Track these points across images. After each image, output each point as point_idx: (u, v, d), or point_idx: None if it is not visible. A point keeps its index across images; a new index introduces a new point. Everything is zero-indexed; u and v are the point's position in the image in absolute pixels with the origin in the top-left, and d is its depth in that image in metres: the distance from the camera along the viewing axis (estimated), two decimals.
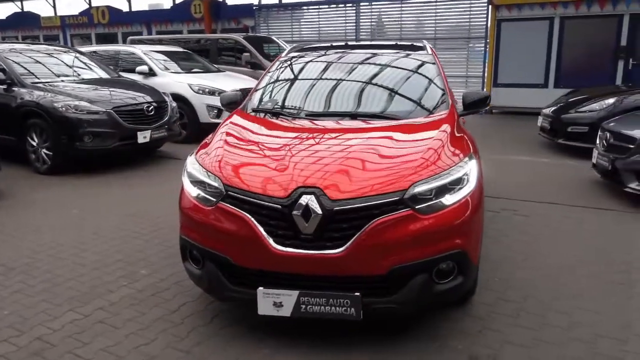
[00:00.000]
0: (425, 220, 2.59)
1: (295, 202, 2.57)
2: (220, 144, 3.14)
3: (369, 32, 14.76)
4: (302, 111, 3.66)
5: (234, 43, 11.82)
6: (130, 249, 4.25)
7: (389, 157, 2.86)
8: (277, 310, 2.67)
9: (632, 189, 5.02)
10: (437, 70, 3.93)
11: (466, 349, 2.77)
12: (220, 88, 8.94)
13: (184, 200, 2.98)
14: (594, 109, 7.34)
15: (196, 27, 17.78)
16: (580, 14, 12.13)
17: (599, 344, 2.80)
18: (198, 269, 2.92)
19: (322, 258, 2.56)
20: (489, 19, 13.19)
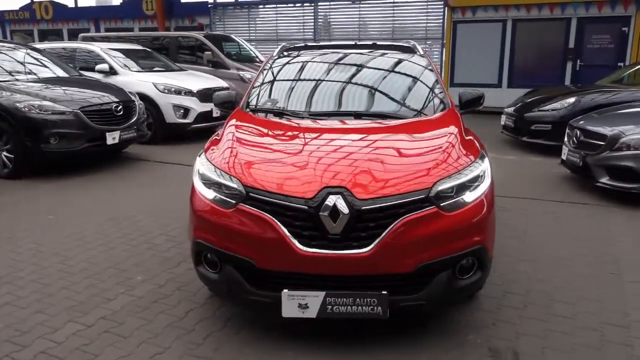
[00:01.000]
0: (449, 218, 2.63)
1: (322, 203, 2.55)
2: (232, 144, 3.07)
3: (327, 32, 14.81)
4: (306, 111, 3.62)
5: (194, 41, 11.56)
6: (119, 255, 4.08)
7: (408, 155, 2.89)
8: (302, 312, 2.64)
9: (603, 184, 5.29)
10: (433, 70, 4.00)
11: (485, 343, 2.84)
12: (186, 87, 8.75)
13: (198, 203, 2.89)
14: (556, 107, 7.69)
15: (148, 25, 17.29)
16: (531, 17, 12.67)
17: (606, 332, 2.94)
18: (215, 273, 2.84)
19: (349, 258, 2.56)
20: (445, 21, 13.56)
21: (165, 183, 6.34)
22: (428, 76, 3.95)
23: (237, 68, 11.12)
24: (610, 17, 12.00)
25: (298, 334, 2.92)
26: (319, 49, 4.54)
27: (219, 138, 3.29)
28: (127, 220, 4.91)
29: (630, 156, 5.05)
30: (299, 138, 3.12)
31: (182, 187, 6.08)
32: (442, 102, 3.71)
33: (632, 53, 11.90)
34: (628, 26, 11.88)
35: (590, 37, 12.26)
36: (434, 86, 3.86)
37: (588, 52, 12.35)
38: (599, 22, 12.11)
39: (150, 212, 5.13)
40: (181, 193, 5.85)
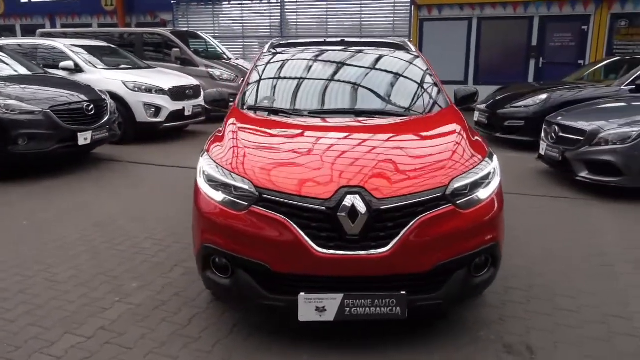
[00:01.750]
0: (464, 216, 2.62)
1: (339, 203, 2.50)
2: (238, 144, 2.96)
3: (294, 29, 14.72)
4: (306, 109, 3.54)
5: (161, 38, 11.25)
6: (107, 262, 3.90)
7: (421, 153, 2.86)
8: (319, 315, 2.58)
9: (583, 178, 5.45)
10: (428, 67, 4.00)
11: (498, 339, 2.86)
12: (157, 85, 8.50)
13: (205, 205, 2.78)
14: (528, 104, 7.88)
15: (107, 21, 16.76)
16: (496, 15, 12.96)
17: (611, 324, 3.00)
18: (226, 278, 2.73)
19: (368, 259, 2.51)
20: (412, 19, 13.70)
21: (142, 185, 6.13)
22: (424, 73, 3.94)
23: (205, 65, 10.91)
24: (571, 16, 12.41)
25: (310, 336, 2.86)
26: (309, 46, 4.47)
27: (221, 137, 3.17)
28: (110, 224, 4.71)
29: (608, 151, 5.21)
30: (307, 137, 3.05)
31: (161, 189, 5.92)
32: (442, 100, 3.71)
33: (592, 51, 12.34)
34: (588, 25, 12.32)
35: (552, 36, 12.65)
36: (432, 83, 3.86)
37: (550, 50, 12.74)
38: (560, 20, 12.51)
39: (132, 216, 4.94)
40: (161, 195, 5.70)
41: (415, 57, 4.11)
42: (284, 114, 3.50)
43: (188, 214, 4.93)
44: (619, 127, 5.24)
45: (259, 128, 3.27)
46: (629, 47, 12.10)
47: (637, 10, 11.89)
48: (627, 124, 5.23)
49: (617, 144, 5.18)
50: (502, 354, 2.72)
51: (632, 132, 5.12)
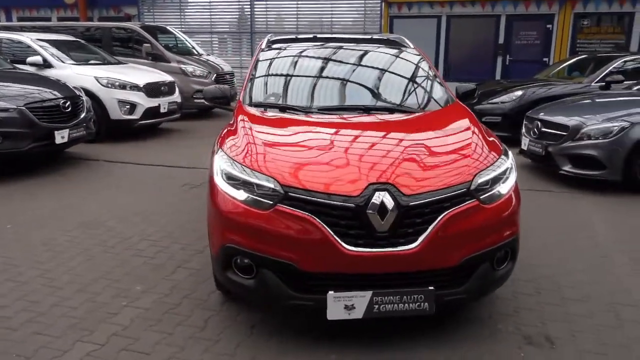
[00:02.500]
0: (488, 210, 2.66)
1: (368, 200, 2.48)
2: (256, 141, 2.90)
3: (264, 24, 14.57)
4: (316, 106, 3.50)
5: (130, 33, 10.92)
6: (104, 264, 3.76)
7: (443, 149, 2.88)
8: (348, 313, 2.56)
9: (566, 172, 5.62)
10: (428, 64, 4.03)
11: (517, 331, 2.91)
12: (132, 81, 8.25)
13: (225, 204, 2.70)
14: (504, 100, 8.07)
15: (67, 15, 16.15)
16: (464, 13, 13.22)
17: (619, 311, 3.11)
18: (249, 279, 2.67)
19: (397, 255, 2.51)
20: (382, 16, 13.80)
21: (123, 184, 5.93)
22: (426, 69, 3.97)
23: (178, 61, 10.67)
24: (536, 15, 12.79)
25: (334, 335, 2.83)
26: (306, 41, 4.42)
27: (234, 134, 3.09)
28: (99, 226, 4.54)
29: (591, 145, 5.40)
30: (326, 134, 3.01)
31: (144, 188, 5.75)
32: (449, 96, 3.75)
33: (556, 49, 12.76)
34: (552, 23, 12.72)
35: (518, 34, 13.00)
36: (435, 79, 3.89)
37: (516, 47, 13.10)
38: (526, 19, 12.87)
39: (120, 216, 4.78)
40: (145, 194, 5.53)
41: (416, 54, 4.14)
42: (293, 110, 3.45)
43: (178, 213, 4.87)
44: (601, 122, 5.43)
45: (275, 125, 3.21)
46: (591, 45, 12.57)
47: (598, 9, 12.35)
48: (609, 119, 5.43)
49: (599, 139, 5.37)
50: (524, 345, 2.77)
51: (614, 127, 5.32)
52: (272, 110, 3.47)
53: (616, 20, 12.45)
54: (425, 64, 4.02)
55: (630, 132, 5.25)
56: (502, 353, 2.70)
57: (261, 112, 3.41)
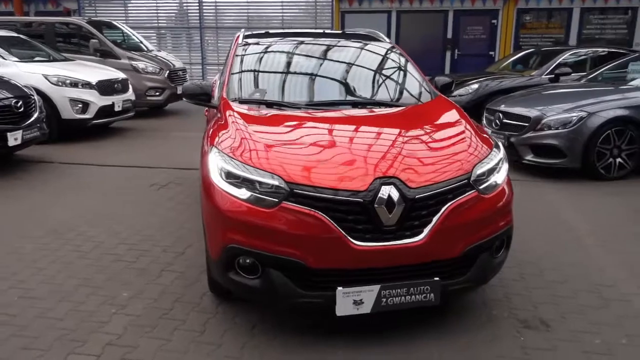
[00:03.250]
0: (487, 200, 2.73)
1: (376, 194, 2.49)
2: (254, 138, 2.84)
3: (213, 16, 14.28)
4: (301, 101, 3.47)
5: (76, 28, 10.42)
6: (83, 272, 3.58)
7: (440, 142, 2.93)
8: (357, 308, 2.57)
9: (529, 161, 5.86)
10: (407, 58, 4.08)
11: (512, 315, 3.01)
12: (83, 79, 7.89)
13: (226, 203, 2.62)
14: (462, 93, 8.31)
15: (1, 9, 15.20)
16: (413, 8, 13.47)
17: (602, 291, 3.28)
18: (254, 279, 2.62)
19: (404, 248, 2.53)
20: (334, 10, 13.85)
21: (87, 186, 5.66)
22: (406, 64, 4.02)
23: (128, 57, 10.29)
24: (482, 10, 13.22)
25: (338, 330, 2.83)
26: (283, 37, 4.37)
27: (226, 131, 3.01)
28: (69, 231, 4.31)
29: (552, 135, 5.65)
30: (324, 130, 2.99)
31: (108, 190, 5.51)
32: (431, 88, 3.81)
33: (501, 43, 13.24)
34: (497, 19, 13.19)
35: (465, 29, 13.40)
36: (417, 72, 3.95)
37: (464, 42, 13.50)
38: (472, 14, 13.28)
39: (91, 220, 4.57)
40: (110, 197, 5.30)
41: (393, 47, 4.17)
42: (282, 107, 3.40)
43: (151, 214, 4.71)
44: (560, 113, 5.69)
45: (270, 122, 3.16)
46: (533, 40, 13.13)
47: (539, 5, 12.92)
48: (567, 109, 5.70)
49: (559, 129, 5.63)
50: (521, 329, 2.87)
51: (573, 117, 5.59)
52: (260, 106, 3.41)
53: (556, 16, 13.07)
54: (404, 59, 4.07)
55: (587, 121, 5.54)
56: (504, 338, 2.79)
57: (251, 108, 3.35)
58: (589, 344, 2.73)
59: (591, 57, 9.07)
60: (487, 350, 2.70)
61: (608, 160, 5.64)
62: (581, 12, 12.81)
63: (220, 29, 14.26)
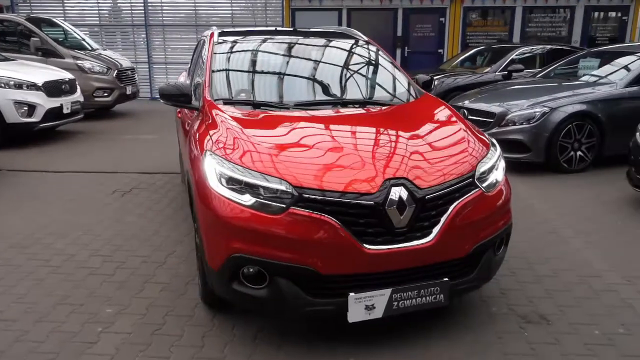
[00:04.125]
0: (490, 198, 2.73)
1: (386, 196, 2.43)
2: (252, 141, 2.70)
3: (159, 13, 13.77)
4: (290, 101, 3.36)
5: (14, 26, 9.74)
6: (59, 288, 3.33)
7: (442, 141, 2.89)
8: (368, 314, 2.50)
9: None
10: (388, 56, 4.05)
11: (511, 311, 3.04)
12: (28, 80, 7.40)
13: (228, 210, 2.48)
14: None
15: None
16: (364, 6, 13.53)
17: (590, 282, 3.37)
18: (261, 289, 2.50)
19: (415, 250, 2.49)
20: (284, 8, 13.70)
21: (44, 195, 5.29)
22: (389, 61, 3.98)
23: (73, 57, 9.75)
24: (430, 9, 13.46)
25: (348, 336, 2.75)
26: (258, 34, 4.23)
27: (217, 134, 2.85)
28: (33, 244, 4.01)
29: (517, 130, 5.80)
30: (323, 131, 2.90)
31: (71, 198, 5.16)
32: (415, 87, 3.79)
33: (449, 41, 13.55)
34: (445, 17, 13.47)
35: (414, 27, 13.59)
36: (399, 70, 3.92)
37: (413, 40, 13.69)
38: (421, 12, 13.49)
39: (56, 232, 4.26)
40: (71, 205, 4.97)
41: (373, 46, 4.13)
42: (269, 107, 3.28)
43: (120, 223, 4.45)
44: (524, 108, 5.85)
45: (264, 123, 3.02)
46: (479, 38, 13.51)
47: (485, 4, 13.31)
48: (530, 105, 5.87)
49: (523, 124, 5.79)
50: (524, 324, 2.90)
51: (536, 113, 5.76)
52: (247, 107, 3.27)
53: (500, 15, 13.52)
54: (387, 57, 4.03)
55: (550, 116, 5.73)
56: (509, 334, 2.81)
57: (239, 109, 3.20)
58: (590, 336, 2.80)
59: (539, 54, 9.43)
60: (495, 347, 2.70)
61: (569, 153, 5.86)
62: (523, 10, 13.30)
63: (167, 27, 13.77)
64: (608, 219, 4.53)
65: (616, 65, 6.57)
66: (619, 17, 13.19)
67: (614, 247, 3.95)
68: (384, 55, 4.04)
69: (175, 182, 5.74)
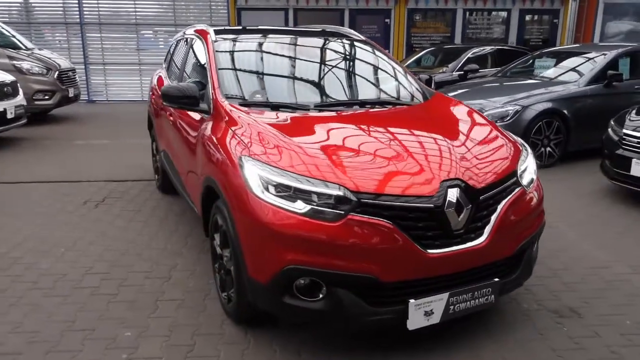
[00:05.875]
0: (530, 195, 2.75)
1: (444, 198, 2.37)
2: (293, 144, 2.56)
3: (95, 14, 12.98)
4: (308, 103, 3.22)
5: None
6: (60, 313, 3.00)
7: (480, 140, 2.88)
8: (427, 319, 2.43)
9: None
10: (391, 56, 4.00)
11: (542, 307, 3.07)
12: None
13: (282, 220, 2.31)
14: None
15: None
16: (310, 6, 13.48)
17: (602, 275, 3.49)
18: (317, 301, 2.36)
19: (470, 251, 2.45)
20: (229, 7, 13.37)
21: (4, 209, 4.78)
22: (393, 61, 3.93)
23: (9, 57, 8.98)
24: (376, 10, 13.64)
25: (400, 344, 2.67)
26: (256, 33, 4.04)
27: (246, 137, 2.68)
28: (14, 264, 3.61)
29: None
30: (363, 133, 2.79)
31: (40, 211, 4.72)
32: (425, 87, 3.76)
33: (394, 41, 13.79)
34: (390, 18, 13.70)
35: (361, 27, 13.69)
36: (403, 70, 3.88)
37: None
38: (367, 13, 13.64)
39: (34, 249, 3.86)
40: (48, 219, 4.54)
41: (368, 46, 4.05)
42: (288, 108, 3.13)
43: (104, 237, 4.13)
44: (498, 107, 6.02)
45: (299, 126, 2.86)
46: (423, 39, 13.85)
47: (428, 6, 13.66)
48: (504, 103, 6.05)
49: (497, 122, 5.94)
50: (559, 319, 2.94)
51: (509, 111, 5.95)
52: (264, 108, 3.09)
53: (442, 16, 13.92)
54: (386, 56, 3.98)
55: (522, 114, 5.93)
56: (549, 330, 2.83)
57: (261, 112, 3.01)
58: (623, 326, 2.88)
59: (490, 54, 9.79)
60: (541, 344, 2.72)
61: (540, 150, 6.10)
62: (464, 12, 13.80)
63: (104, 25, 13.01)
64: (593, 211, 4.74)
65: (572, 65, 6.93)
66: (551, 20, 13.99)
67: (609, 238, 4.13)
68: (386, 55, 3.98)
69: (149, 189, 5.40)
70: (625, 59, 6.71)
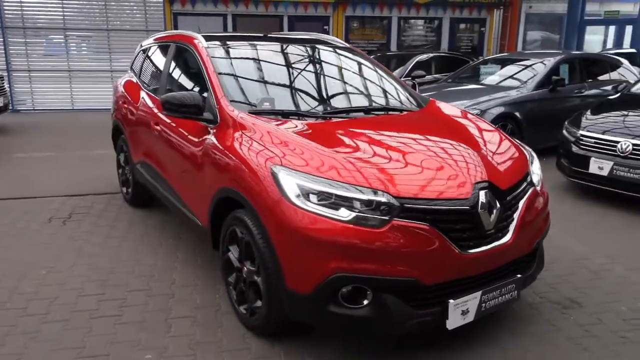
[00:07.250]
0: (541, 195, 2.92)
1: (477, 200, 2.46)
2: (325, 152, 2.55)
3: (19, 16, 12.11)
4: (317, 110, 3.22)
5: None
6: (65, 339, 2.79)
7: (493, 143, 2.99)
8: (463, 318, 2.51)
9: None
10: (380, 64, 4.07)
11: (545, 299, 3.25)
12: None
13: (325, 228, 2.30)
14: None
15: None
16: (249, 12, 13.37)
17: (586, 265, 3.74)
18: (361, 307, 2.36)
19: (500, 250, 2.55)
20: (165, 12, 12.97)
21: None
22: (381, 67, 3.99)
23: None
24: (314, 17, 13.75)
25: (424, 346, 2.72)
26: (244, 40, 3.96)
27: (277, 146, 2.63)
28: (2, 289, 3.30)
29: None
30: (388, 138, 2.81)
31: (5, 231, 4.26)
32: (417, 93, 3.86)
33: None
34: (328, 25, 13.87)
35: None
36: (395, 77, 3.96)
37: None
38: (305, 20, 13.71)
39: (10, 273, 3.55)
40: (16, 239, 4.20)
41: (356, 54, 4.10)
42: (299, 116, 3.10)
43: (85, 255, 3.97)
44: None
45: (322, 133, 2.83)
46: (361, 45, 14.12)
47: (364, 13, 13.98)
48: (467, 107, 6.31)
49: None
50: (562, 310, 3.13)
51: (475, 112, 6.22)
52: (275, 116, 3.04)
53: (379, 23, 14.30)
54: (375, 63, 4.04)
55: (482, 118, 6.22)
56: (559, 320, 3.00)
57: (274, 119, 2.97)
58: (621, 312, 3.11)
59: (433, 60, 10.19)
60: (556, 334, 2.87)
61: None
62: (398, 20, 14.26)
63: (28, 29, 12.16)
64: (560, 208, 5.05)
65: (516, 71, 7.38)
66: (479, 29, 14.79)
67: (582, 232, 4.43)
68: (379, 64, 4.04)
69: (115, 203, 5.12)
70: (564, 65, 7.23)
